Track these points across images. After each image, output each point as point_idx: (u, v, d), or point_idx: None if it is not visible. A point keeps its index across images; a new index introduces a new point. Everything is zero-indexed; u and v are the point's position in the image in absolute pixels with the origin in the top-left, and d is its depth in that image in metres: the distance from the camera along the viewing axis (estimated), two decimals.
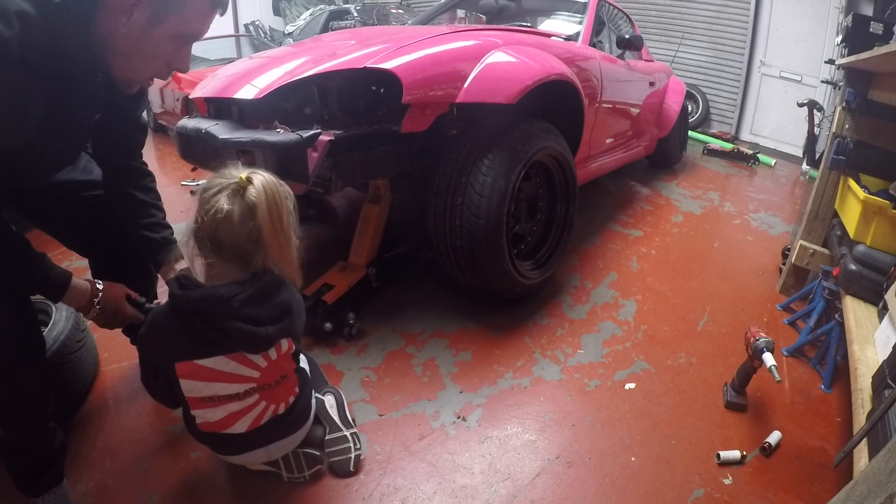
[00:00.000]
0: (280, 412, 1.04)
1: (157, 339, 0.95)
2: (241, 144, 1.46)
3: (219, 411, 0.97)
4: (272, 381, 1.00)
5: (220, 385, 0.95)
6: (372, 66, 1.48)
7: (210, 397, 0.96)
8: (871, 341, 1.39)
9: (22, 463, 1.02)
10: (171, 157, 4.08)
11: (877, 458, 0.66)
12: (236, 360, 0.95)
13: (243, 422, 1.00)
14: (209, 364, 0.93)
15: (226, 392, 0.96)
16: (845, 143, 1.86)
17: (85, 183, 1.19)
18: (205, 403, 0.96)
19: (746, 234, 2.86)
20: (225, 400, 0.96)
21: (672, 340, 1.79)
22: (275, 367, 0.99)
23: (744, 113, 5.63)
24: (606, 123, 2.63)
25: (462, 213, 1.61)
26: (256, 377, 0.97)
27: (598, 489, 1.18)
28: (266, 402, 1.01)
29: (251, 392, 0.98)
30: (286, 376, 1.03)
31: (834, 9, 4.66)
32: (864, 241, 1.63)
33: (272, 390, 1.01)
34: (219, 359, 0.93)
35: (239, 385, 0.96)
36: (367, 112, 1.57)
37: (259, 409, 1.01)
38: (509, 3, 3.37)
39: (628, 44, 2.69)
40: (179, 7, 0.85)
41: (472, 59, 1.62)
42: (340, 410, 1.24)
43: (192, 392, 0.95)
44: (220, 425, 0.99)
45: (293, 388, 1.06)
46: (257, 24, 7.38)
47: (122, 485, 1.14)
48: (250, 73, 1.75)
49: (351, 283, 1.74)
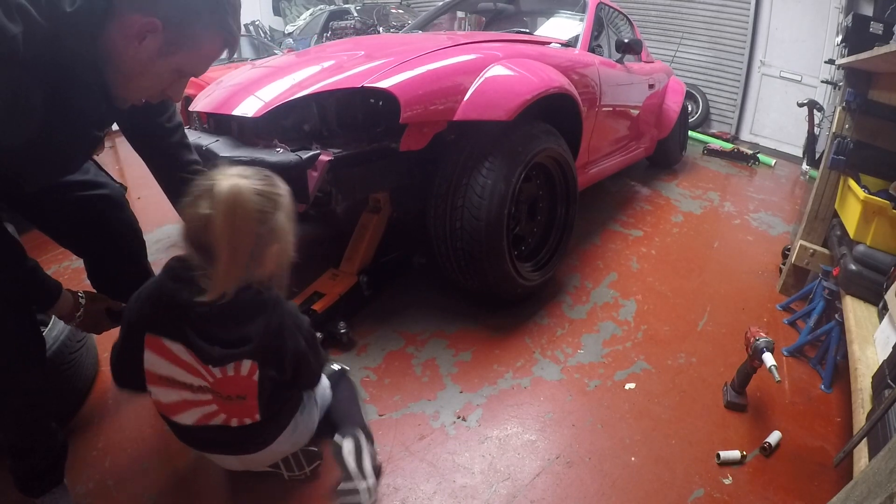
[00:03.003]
0: (232, 425, 0.98)
1: (142, 306, 0.93)
2: (241, 163, 1.48)
3: (172, 394, 0.95)
4: (225, 394, 0.95)
5: (178, 370, 0.93)
6: (369, 86, 1.50)
7: (167, 378, 0.94)
8: (871, 341, 1.39)
9: (23, 464, 1.02)
10: None
11: (877, 458, 0.66)
12: (192, 356, 0.92)
13: (191, 413, 0.97)
14: (173, 348, 0.91)
15: (181, 379, 0.93)
16: (845, 143, 1.86)
17: (81, 183, 1.18)
18: (161, 382, 0.94)
19: (746, 234, 2.86)
20: (179, 386, 0.94)
21: (672, 340, 1.79)
22: (228, 384, 0.94)
23: (744, 113, 5.63)
24: (606, 129, 2.63)
25: (462, 215, 1.61)
26: (210, 380, 0.93)
27: (598, 489, 1.18)
28: (218, 408, 0.96)
29: (204, 390, 0.94)
30: (244, 397, 0.96)
31: (834, 9, 4.66)
32: (864, 241, 1.63)
33: (228, 402, 0.96)
34: (180, 347, 0.91)
35: (193, 378, 0.93)
36: (365, 129, 1.58)
37: (209, 410, 0.96)
38: (507, 7, 3.37)
39: (627, 48, 2.68)
40: (192, 44, 0.85)
41: (471, 73, 1.64)
42: (358, 458, 1.11)
43: (151, 366, 0.93)
44: (170, 409, 0.97)
45: (252, 413, 0.98)
46: (257, 24, 7.38)
47: (122, 485, 1.14)
48: (252, 84, 1.77)
49: (342, 291, 1.71)
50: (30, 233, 1.25)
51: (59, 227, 1.22)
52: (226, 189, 0.84)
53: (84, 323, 1.06)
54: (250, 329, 0.92)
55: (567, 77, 1.98)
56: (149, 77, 0.85)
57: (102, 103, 0.90)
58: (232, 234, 0.85)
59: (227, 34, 0.88)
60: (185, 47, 0.84)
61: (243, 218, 0.85)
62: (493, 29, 3.33)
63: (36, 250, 1.09)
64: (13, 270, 0.91)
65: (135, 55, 0.80)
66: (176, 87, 0.91)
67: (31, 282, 0.94)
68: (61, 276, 1.06)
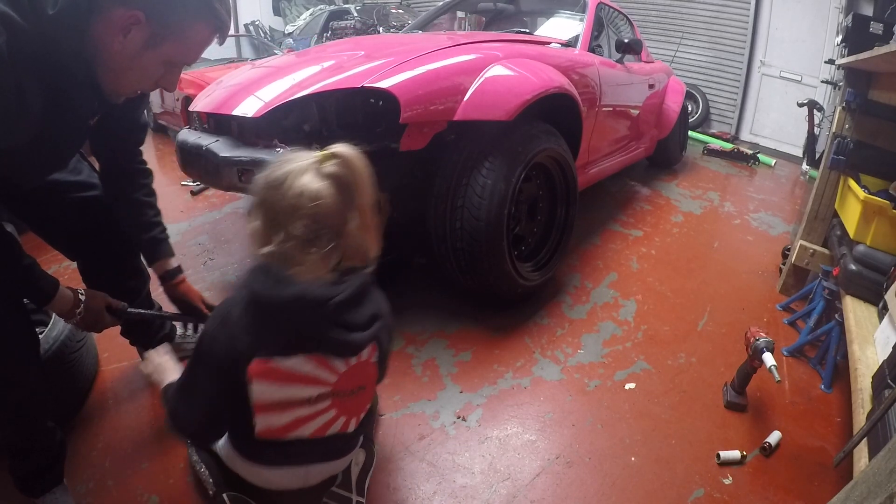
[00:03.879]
0: (349, 429, 0.94)
1: (235, 336, 0.82)
2: (241, 164, 1.50)
3: (284, 416, 0.87)
4: (347, 390, 0.90)
5: (294, 388, 0.85)
6: (369, 86, 1.50)
7: (280, 401, 0.85)
8: (871, 341, 1.39)
9: (22, 464, 1.02)
10: (170, 156, 4.08)
11: (877, 458, 0.66)
12: (316, 361, 0.85)
13: (308, 426, 0.89)
14: (287, 365, 0.83)
15: (298, 396, 0.86)
16: (845, 143, 1.86)
17: (74, 184, 1.18)
18: (273, 408, 0.86)
19: (746, 234, 2.86)
20: (295, 405, 0.87)
21: (672, 340, 1.79)
22: (354, 374, 0.90)
23: (744, 113, 5.63)
24: (606, 129, 2.63)
25: (462, 215, 1.61)
26: (333, 381, 0.88)
27: (598, 489, 1.18)
28: (336, 411, 0.91)
29: (324, 397, 0.88)
30: (364, 387, 0.92)
31: (834, 9, 4.67)
32: (864, 241, 1.63)
33: (345, 399, 0.91)
34: (298, 358, 0.84)
35: (313, 388, 0.86)
36: (365, 129, 1.58)
37: (328, 417, 0.90)
38: (507, 7, 3.37)
39: (627, 48, 2.68)
40: (178, 34, 0.82)
41: (471, 73, 1.64)
42: (364, 473, 1.10)
43: (262, 395, 0.84)
44: (282, 430, 0.88)
45: (367, 401, 0.95)
46: (257, 24, 7.39)
47: (122, 485, 1.14)
48: (252, 84, 1.77)
49: None
50: (28, 233, 1.25)
51: (50, 229, 1.21)
52: (351, 152, 0.86)
53: (84, 320, 1.05)
54: (375, 304, 0.90)
55: (567, 77, 1.98)
56: (138, 70, 0.84)
57: (95, 100, 0.90)
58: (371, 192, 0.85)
59: (214, 20, 0.86)
60: (171, 37, 0.82)
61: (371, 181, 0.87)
62: (493, 29, 3.34)
63: (36, 249, 1.09)
64: (10, 267, 0.90)
65: (121, 49, 0.80)
66: (168, 77, 0.88)
67: (27, 279, 0.94)
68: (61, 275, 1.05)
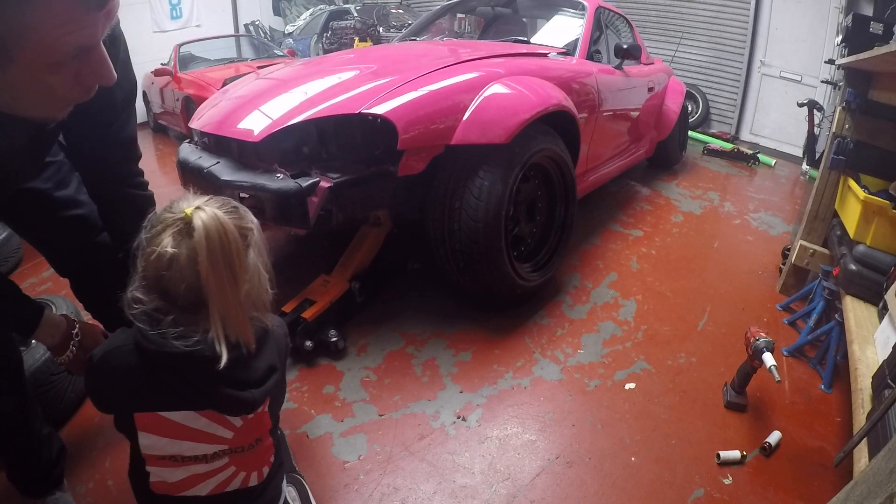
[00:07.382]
0: (250, 484, 0.88)
1: (115, 382, 0.77)
2: (242, 188, 1.52)
3: (179, 472, 0.81)
4: (245, 444, 0.85)
5: (187, 444, 0.79)
6: (367, 112, 1.52)
7: (172, 456, 0.80)
8: (871, 341, 1.39)
9: (18, 473, 1.03)
10: (170, 157, 4.08)
11: (877, 458, 0.66)
12: (208, 417, 0.79)
13: (206, 485, 0.84)
14: (176, 418, 0.77)
15: (192, 452, 0.80)
16: (845, 143, 1.86)
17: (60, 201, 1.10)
18: (165, 462, 0.80)
19: (746, 234, 2.86)
20: (190, 461, 0.81)
21: (672, 340, 1.79)
22: (250, 427, 0.84)
23: (744, 113, 5.62)
24: (604, 136, 2.62)
25: (460, 216, 1.61)
26: (229, 438, 0.82)
27: (598, 489, 1.18)
28: (236, 468, 0.85)
29: (221, 455, 0.82)
30: (261, 439, 0.87)
31: (834, 9, 4.66)
32: (864, 241, 1.63)
33: (244, 454, 0.86)
34: (188, 413, 0.78)
35: (208, 446, 0.81)
36: (364, 151, 1.59)
37: (227, 474, 0.85)
38: (505, 10, 3.37)
39: (626, 54, 2.66)
40: (19, 36, 0.57)
41: (470, 92, 1.67)
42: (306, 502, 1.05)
43: (151, 448, 0.79)
44: (177, 487, 0.82)
45: (268, 455, 0.90)
46: (257, 24, 7.39)
47: (123, 485, 1.14)
48: (255, 98, 1.80)
49: (333, 298, 1.67)
50: None
51: (45, 245, 1.17)
52: (202, 220, 0.71)
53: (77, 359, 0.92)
54: (268, 358, 0.84)
55: (566, 88, 2.00)
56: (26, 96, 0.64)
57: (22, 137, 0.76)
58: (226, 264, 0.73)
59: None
60: (15, 45, 0.57)
61: (230, 246, 0.73)
62: (491, 31, 3.33)
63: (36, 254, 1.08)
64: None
65: None
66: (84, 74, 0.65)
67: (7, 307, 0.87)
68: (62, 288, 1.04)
